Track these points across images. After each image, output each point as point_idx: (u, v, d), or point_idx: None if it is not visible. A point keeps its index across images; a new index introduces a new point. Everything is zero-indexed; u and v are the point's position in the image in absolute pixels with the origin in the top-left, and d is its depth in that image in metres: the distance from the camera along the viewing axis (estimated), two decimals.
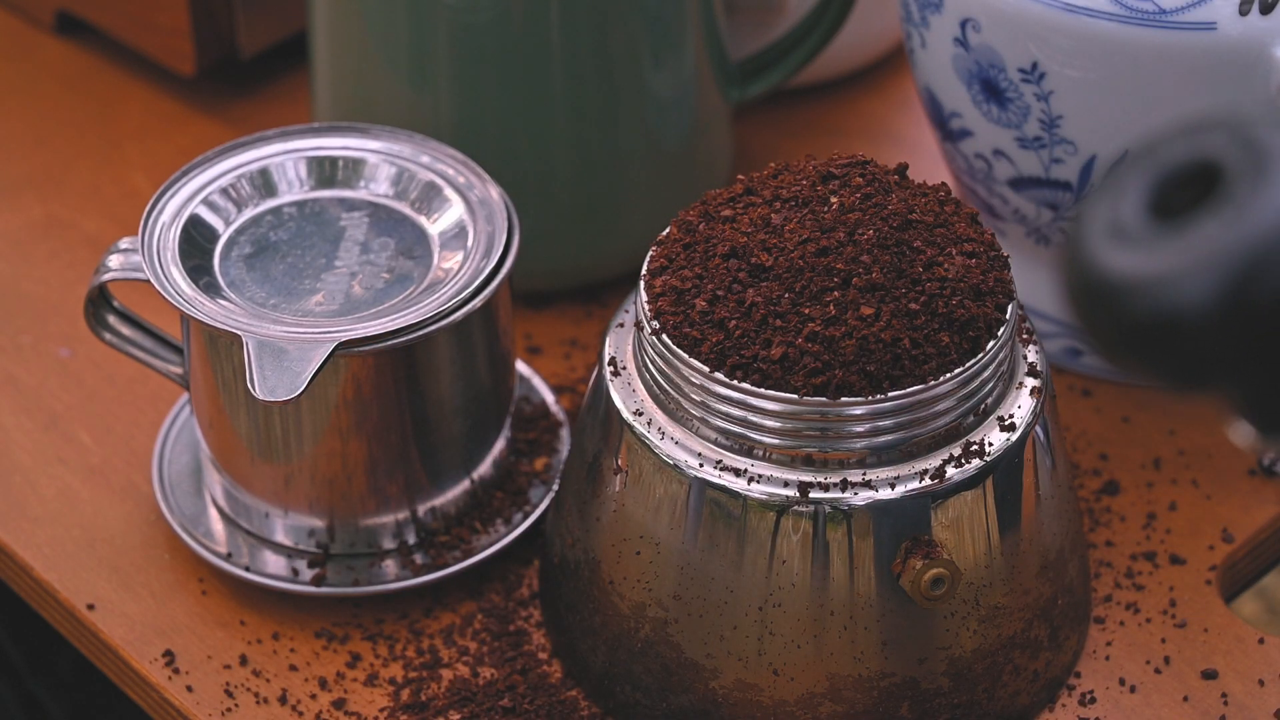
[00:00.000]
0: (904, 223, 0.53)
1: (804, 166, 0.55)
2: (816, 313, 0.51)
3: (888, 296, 0.51)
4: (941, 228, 0.53)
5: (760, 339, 0.51)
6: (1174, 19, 0.58)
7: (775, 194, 0.54)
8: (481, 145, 0.67)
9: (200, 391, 0.61)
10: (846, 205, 0.53)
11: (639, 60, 0.70)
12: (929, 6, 0.64)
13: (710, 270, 0.53)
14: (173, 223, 0.61)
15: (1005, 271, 0.54)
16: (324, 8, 0.71)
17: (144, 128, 0.83)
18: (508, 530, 0.63)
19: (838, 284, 0.52)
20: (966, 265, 0.53)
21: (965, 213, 0.54)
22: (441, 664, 0.60)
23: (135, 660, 0.60)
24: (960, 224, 0.54)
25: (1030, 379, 0.55)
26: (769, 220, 0.53)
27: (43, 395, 0.70)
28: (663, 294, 0.54)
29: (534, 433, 0.66)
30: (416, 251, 0.61)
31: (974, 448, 0.53)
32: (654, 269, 0.55)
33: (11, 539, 0.64)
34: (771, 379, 0.51)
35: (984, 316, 0.52)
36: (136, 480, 0.66)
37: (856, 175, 0.54)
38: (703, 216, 0.55)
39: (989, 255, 0.54)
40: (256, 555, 0.62)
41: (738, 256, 0.53)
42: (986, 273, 0.53)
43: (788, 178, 0.55)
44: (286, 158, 0.63)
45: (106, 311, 0.64)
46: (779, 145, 0.81)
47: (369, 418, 0.59)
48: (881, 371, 0.51)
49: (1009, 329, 0.53)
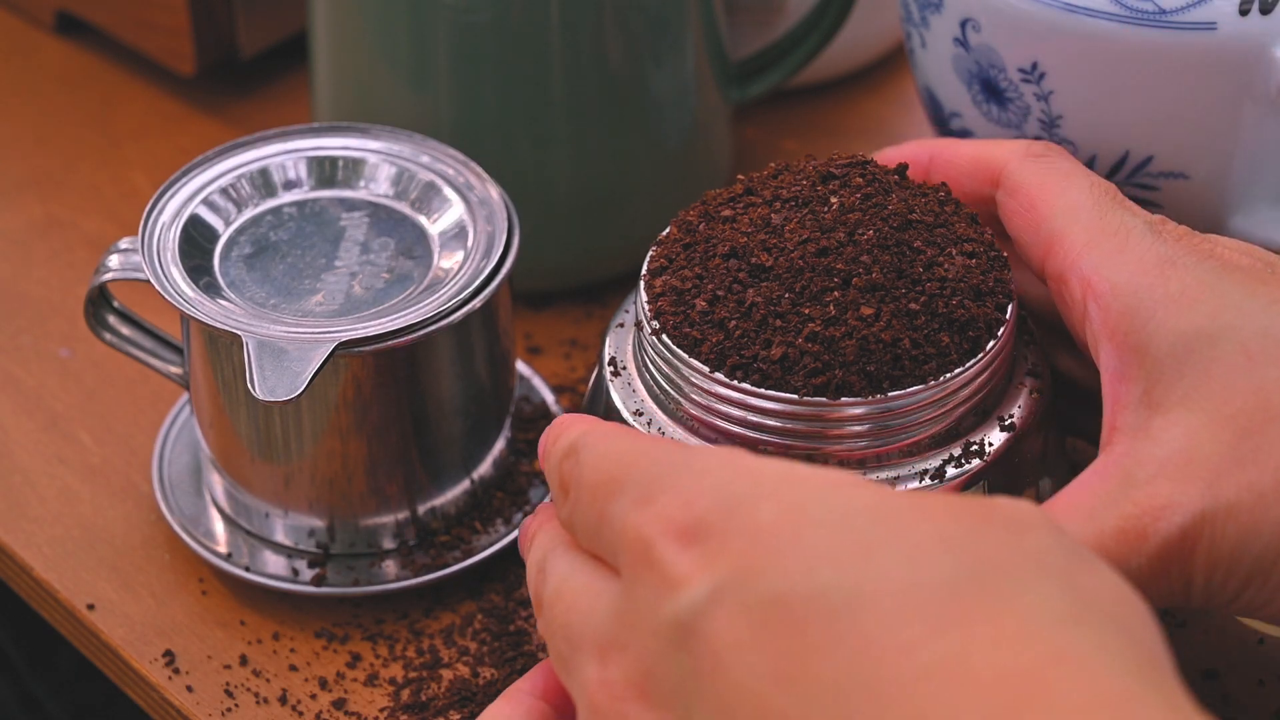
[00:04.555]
0: (904, 223, 0.53)
1: (804, 166, 0.55)
2: (816, 313, 0.51)
3: (888, 297, 0.51)
4: (941, 228, 0.53)
5: (760, 339, 0.51)
6: (1174, 19, 0.58)
7: (775, 194, 0.54)
8: (481, 145, 0.67)
9: (200, 391, 0.61)
10: (847, 205, 0.53)
11: (639, 60, 0.70)
12: (929, 6, 0.64)
13: (710, 270, 0.53)
14: (173, 223, 0.61)
15: (1005, 271, 0.54)
16: (324, 8, 0.71)
17: (144, 128, 0.83)
18: (508, 530, 0.63)
19: (838, 284, 0.52)
20: (966, 265, 0.53)
21: (965, 213, 0.54)
22: (441, 664, 0.60)
23: (135, 660, 0.60)
24: (960, 224, 0.54)
25: (1030, 379, 0.55)
26: (769, 220, 0.53)
27: (43, 395, 0.70)
28: (663, 294, 0.54)
29: (534, 433, 0.66)
30: (416, 251, 0.61)
31: (974, 447, 0.53)
32: (654, 269, 0.55)
33: (11, 539, 0.64)
34: (772, 379, 0.51)
35: (984, 317, 0.52)
36: (136, 480, 0.66)
37: (856, 175, 0.54)
38: (703, 216, 0.55)
39: (989, 255, 0.54)
40: (256, 555, 0.62)
41: (738, 257, 0.53)
42: (986, 273, 0.53)
43: (788, 178, 0.55)
44: (286, 158, 0.63)
45: (106, 311, 0.64)
46: (779, 145, 0.81)
47: (369, 418, 0.59)
48: (881, 372, 0.51)
49: (1009, 329, 0.53)
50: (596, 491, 0.45)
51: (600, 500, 0.45)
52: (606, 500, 0.44)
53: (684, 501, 0.42)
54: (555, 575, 0.46)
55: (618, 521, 0.43)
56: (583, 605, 0.45)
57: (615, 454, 0.45)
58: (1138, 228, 0.52)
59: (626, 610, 0.43)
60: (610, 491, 0.44)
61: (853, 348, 0.51)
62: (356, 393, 0.59)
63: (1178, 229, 0.52)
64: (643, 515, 0.42)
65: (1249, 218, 0.62)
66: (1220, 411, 0.48)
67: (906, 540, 0.39)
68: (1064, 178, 0.54)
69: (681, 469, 0.43)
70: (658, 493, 0.42)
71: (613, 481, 0.44)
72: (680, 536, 0.41)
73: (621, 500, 0.43)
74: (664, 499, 0.42)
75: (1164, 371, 0.49)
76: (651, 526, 0.42)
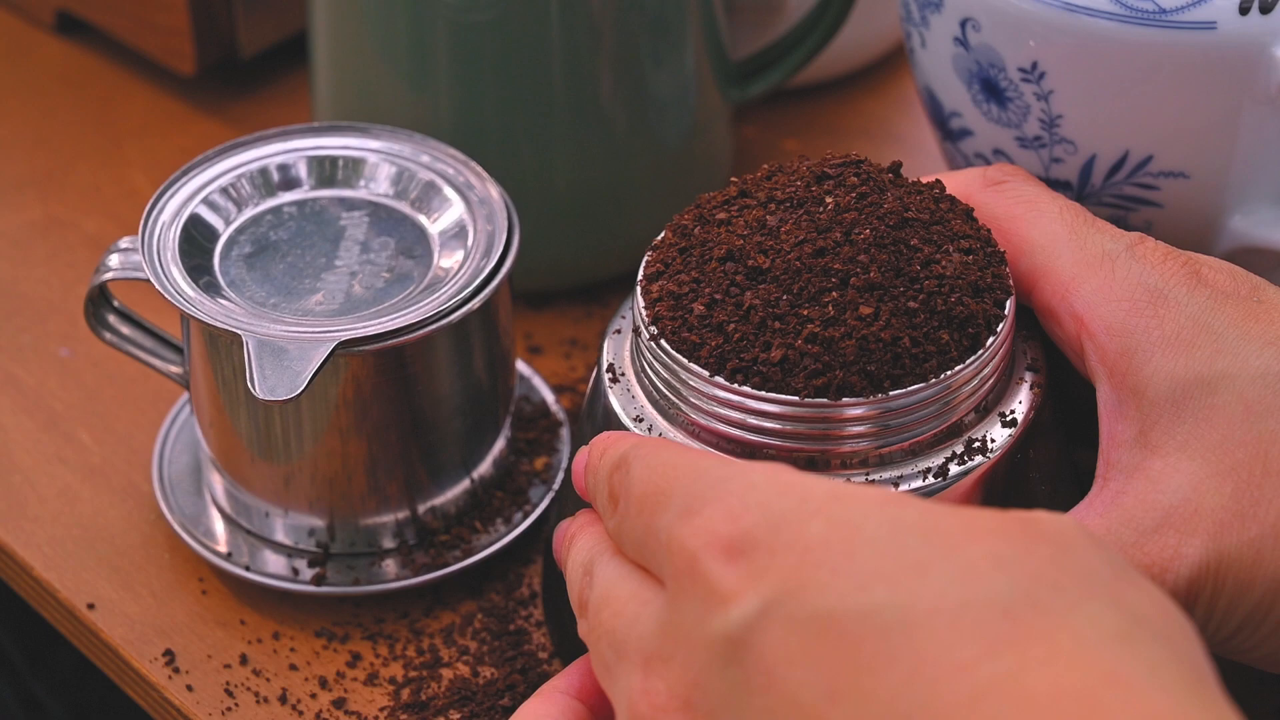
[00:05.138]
0: (900, 221, 0.53)
1: (798, 167, 0.55)
2: (815, 314, 0.51)
3: (886, 296, 0.51)
4: (938, 225, 0.53)
5: (760, 342, 0.51)
6: (1174, 19, 0.58)
7: (770, 195, 0.54)
8: (481, 145, 0.67)
9: (200, 391, 0.61)
10: (842, 205, 0.53)
11: (639, 60, 0.70)
12: (929, 6, 0.64)
13: (707, 274, 0.53)
14: (173, 222, 0.61)
15: (1002, 267, 0.54)
16: (324, 8, 0.71)
17: (144, 127, 0.83)
18: (508, 530, 0.63)
19: (835, 284, 0.51)
20: (964, 262, 0.52)
21: (960, 209, 0.54)
22: (441, 663, 0.60)
23: (135, 660, 0.60)
24: (956, 220, 0.54)
25: (1030, 373, 0.55)
26: (764, 222, 0.53)
27: (43, 395, 0.70)
28: (660, 299, 0.53)
29: (534, 433, 0.66)
30: (416, 251, 0.61)
31: (976, 444, 0.53)
32: (650, 274, 0.54)
33: (11, 538, 0.64)
34: (772, 382, 0.51)
35: (983, 313, 0.52)
36: (136, 480, 0.66)
37: (851, 175, 0.54)
38: (697, 220, 0.55)
39: (985, 251, 0.53)
40: (256, 555, 0.62)
41: (734, 259, 0.53)
42: (984, 269, 0.53)
43: (782, 179, 0.55)
44: (286, 157, 0.63)
45: (106, 311, 0.64)
46: (779, 145, 0.81)
47: (369, 417, 0.59)
48: (882, 371, 0.51)
49: (1008, 325, 0.53)
50: (645, 503, 0.45)
51: (648, 512, 0.45)
52: (654, 513, 0.45)
53: (729, 515, 0.42)
54: (602, 580, 0.47)
55: (664, 534, 0.44)
56: (629, 613, 0.45)
57: (663, 466, 0.45)
58: (1121, 254, 0.52)
59: (672, 622, 0.43)
60: (658, 504, 0.45)
61: (852, 348, 0.51)
62: (356, 392, 0.59)
63: (1157, 249, 0.53)
64: (688, 528, 0.43)
65: (1249, 217, 0.62)
66: (1221, 463, 0.49)
67: (958, 559, 0.40)
68: (1031, 206, 0.55)
69: (727, 482, 0.43)
70: (703, 506, 0.43)
71: (660, 494, 0.45)
72: (725, 550, 0.42)
73: (668, 513, 0.44)
74: (709, 512, 0.43)
75: (1161, 415, 0.50)
76: (696, 539, 0.42)
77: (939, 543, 0.40)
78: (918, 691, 0.38)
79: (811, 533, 0.41)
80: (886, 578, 0.40)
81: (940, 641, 0.38)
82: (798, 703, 0.39)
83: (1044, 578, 0.39)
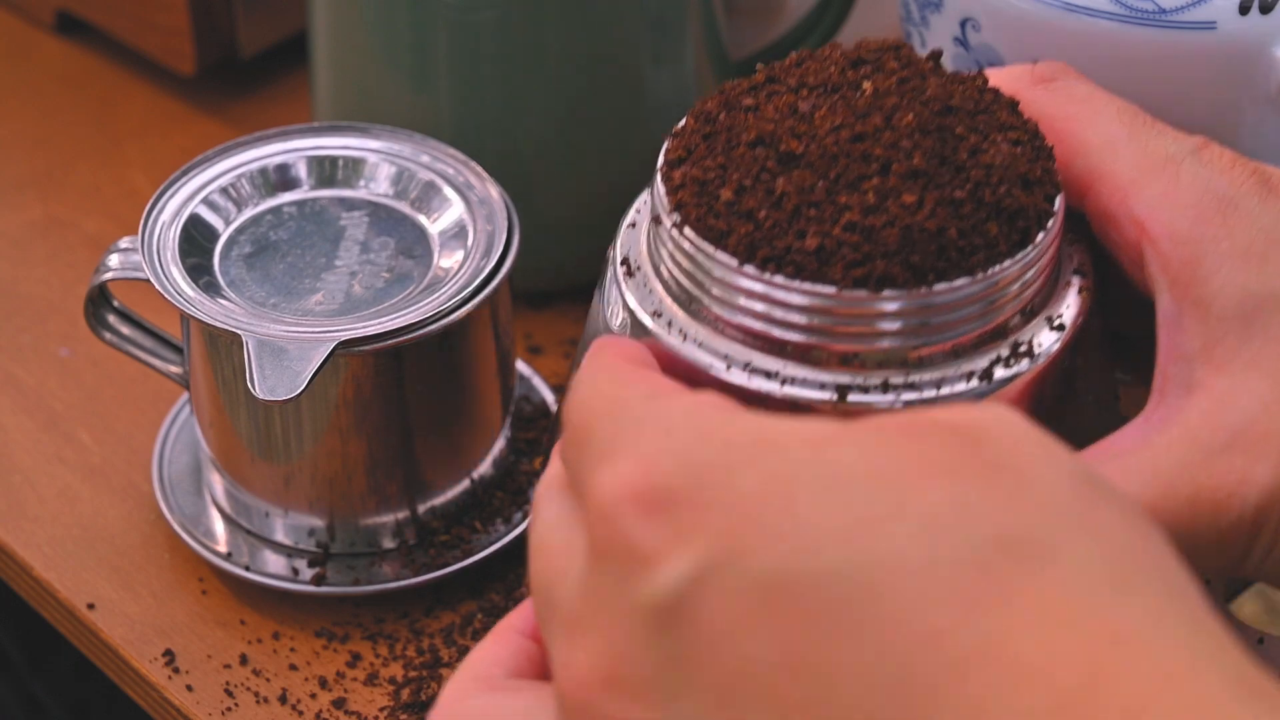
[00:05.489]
0: (944, 108, 0.49)
1: (830, 54, 0.51)
2: (854, 201, 0.47)
3: (931, 184, 0.47)
4: (983, 114, 0.49)
5: (793, 230, 0.47)
6: (1174, 19, 0.58)
7: (801, 81, 0.50)
8: (481, 145, 0.67)
9: (200, 391, 0.61)
10: (881, 90, 0.49)
11: (639, 60, 0.70)
12: (929, 6, 0.64)
13: (735, 159, 0.48)
14: (173, 222, 0.61)
15: (1051, 162, 0.50)
16: (324, 8, 0.71)
17: (144, 127, 0.83)
18: (508, 530, 0.63)
19: (876, 171, 0.47)
20: (1013, 153, 0.49)
21: (1005, 100, 0.51)
22: (442, 663, 0.60)
23: (135, 660, 0.60)
24: (1002, 111, 0.50)
25: (1077, 277, 0.51)
26: (796, 108, 0.49)
27: (43, 395, 0.70)
28: (683, 185, 0.49)
29: (534, 432, 0.66)
30: (416, 251, 0.61)
31: (1023, 348, 0.49)
32: (671, 160, 0.50)
33: (11, 538, 0.64)
34: (807, 271, 0.47)
35: (1034, 206, 0.48)
36: (136, 480, 0.66)
37: (890, 60, 0.50)
38: (722, 106, 0.51)
39: (1034, 145, 0.50)
40: (256, 555, 0.62)
41: (765, 144, 0.48)
42: (1033, 162, 0.49)
43: (813, 65, 0.51)
44: (286, 157, 0.63)
45: (106, 311, 0.64)
46: None
47: (369, 417, 0.59)
48: (926, 263, 0.47)
49: (1059, 221, 0.49)
50: (569, 440, 0.41)
51: (572, 450, 0.41)
52: (578, 451, 0.40)
53: (644, 464, 0.37)
54: (542, 521, 0.42)
55: (584, 476, 0.39)
56: (558, 566, 0.40)
57: (588, 398, 0.41)
58: (1186, 158, 0.49)
59: (590, 585, 0.38)
60: (580, 442, 0.40)
61: (895, 237, 0.47)
62: (356, 392, 0.59)
63: (1224, 154, 0.49)
64: (601, 475, 0.38)
65: None
66: None
67: (916, 509, 0.35)
68: (1086, 105, 0.51)
69: (642, 423, 0.39)
70: (614, 451, 0.38)
71: (583, 429, 0.40)
72: (643, 504, 0.37)
73: (588, 455, 0.39)
74: (621, 459, 0.38)
75: (1228, 330, 0.47)
76: (608, 489, 0.37)
77: (888, 490, 0.36)
78: (892, 663, 0.34)
79: (742, 486, 0.36)
80: (836, 536, 0.35)
81: (911, 605, 0.34)
82: (750, 677, 0.35)
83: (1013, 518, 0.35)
